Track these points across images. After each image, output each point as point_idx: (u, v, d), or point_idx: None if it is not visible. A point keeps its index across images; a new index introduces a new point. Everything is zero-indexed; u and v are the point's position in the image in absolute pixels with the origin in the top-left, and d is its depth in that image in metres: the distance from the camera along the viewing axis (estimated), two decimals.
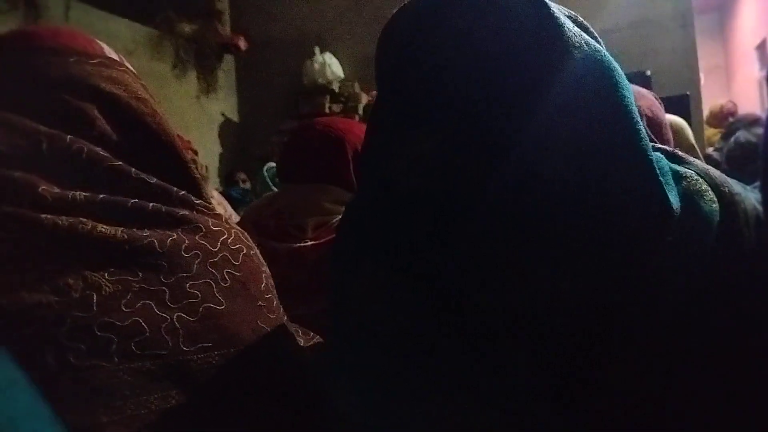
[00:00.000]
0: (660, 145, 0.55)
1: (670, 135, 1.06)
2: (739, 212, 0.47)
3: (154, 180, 0.53)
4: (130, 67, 0.62)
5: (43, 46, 0.54)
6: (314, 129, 0.99)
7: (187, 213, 0.53)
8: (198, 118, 4.52)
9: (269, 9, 4.87)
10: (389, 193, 0.48)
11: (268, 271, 0.63)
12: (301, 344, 0.69)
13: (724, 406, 0.44)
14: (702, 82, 4.49)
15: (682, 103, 3.20)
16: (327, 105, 4.54)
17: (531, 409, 0.43)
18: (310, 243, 0.91)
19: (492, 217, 0.43)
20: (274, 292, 0.62)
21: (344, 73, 4.59)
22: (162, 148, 0.57)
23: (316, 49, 4.55)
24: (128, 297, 0.45)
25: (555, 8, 0.45)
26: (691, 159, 0.53)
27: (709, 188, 0.48)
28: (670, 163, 0.50)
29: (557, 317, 0.43)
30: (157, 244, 0.49)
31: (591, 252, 0.43)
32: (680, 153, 0.54)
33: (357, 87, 4.54)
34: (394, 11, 0.51)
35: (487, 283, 0.44)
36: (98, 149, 0.51)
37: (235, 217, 2.54)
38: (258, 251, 0.63)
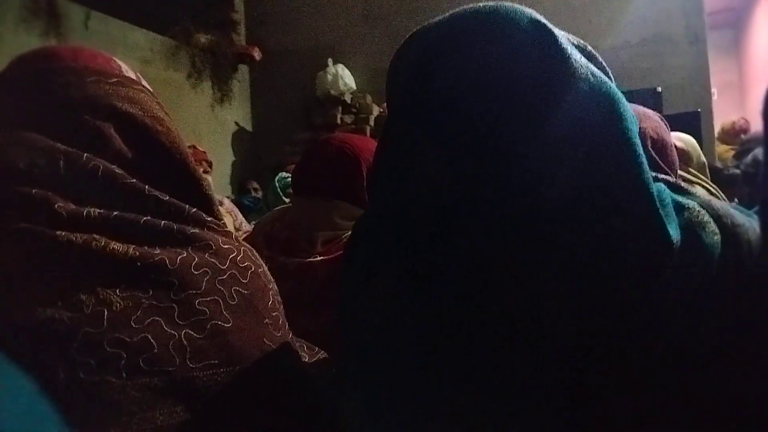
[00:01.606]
0: (663, 176, 0.56)
1: (675, 156, 1.05)
2: (742, 243, 0.48)
3: (166, 197, 0.54)
4: (146, 85, 0.63)
5: (63, 65, 0.56)
6: (330, 144, 1.00)
7: (197, 231, 0.54)
8: (212, 126, 4.57)
9: (284, 21, 4.93)
10: (399, 208, 0.49)
11: (275, 287, 0.64)
12: (306, 360, 0.70)
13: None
14: (715, 98, 4.47)
15: (693, 120, 3.19)
16: (339, 116, 4.57)
17: (535, 419, 0.43)
18: (319, 258, 0.92)
19: (498, 238, 0.44)
20: (281, 308, 0.62)
21: (356, 85, 4.62)
22: (175, 166, 0.57)
23: (329, 61, 4.59)
24: (138, 313, 0.46)
25: (563, 38, 0.46)
26: (694, 190, 0.53)
27: (711, 220, 0.48)
28: (672, 194, 0.50)
29: (559, 341, 0.43)
30: (167, 261, 0.50)
31: (593, 280, 0.43)
32: (683, 184, 0.54)
33: (369, 98, 4.56)
34: (408, 35, 0.51)
35: (493, 299, 0.44)
36: (113, 167, 0.52)
37: (246, 225, 2.56)
38: (266, 268, 0.64)
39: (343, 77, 4.50)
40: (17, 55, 0.58)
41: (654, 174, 0.54)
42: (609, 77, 0.49)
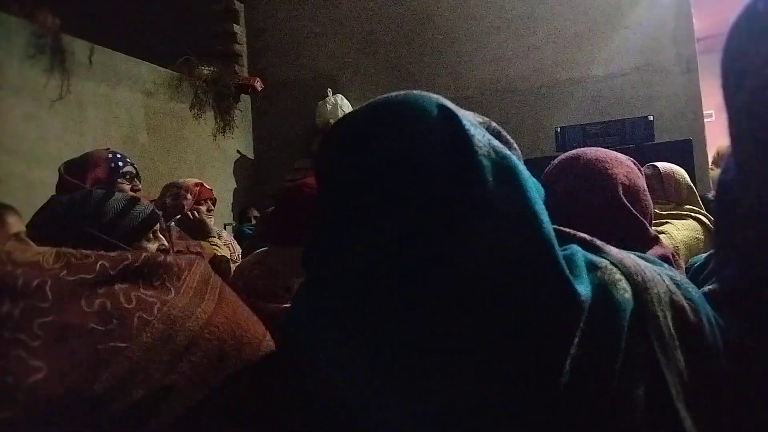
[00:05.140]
0: (581, 234, 0.60)
1: (648, 200, 1.06)
2: (651, 297, 0.52)
3: None
4: None
5: None
6: (299, 191, 1.02)
7: None
8: (215, 155, 4.64)
9: (285, 52, 5.04)
10: (332, 281, 0.52)
11: (113, 300, 0.50)
12: None
13: None
14: (713, 119, 4.47)
15: (685, 148, 3.20)
16: None
17: None
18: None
19: (417, 305, 0.47)
20: (139, 313, 0.49)
21: None
22: None
23: (329, 91, 4.68)
24: None
25: (466, 120, 0.50)
26: (608, 249, 0.57)
27: (623, 277, 0.52)
28: (587, 253, 0.55)
29: (479, 404, 0.45)
30: None
31: (510, 339, 0.46)
32: (598, 242, 0.59)
33: None
34: (335, 122, 0.56)
35: (417, 361, 0.47)
36: None
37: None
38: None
39: (342, 106, 4.58)
40: None
41: (572, 233, 0.60)
42: (512, 148, 0.54)
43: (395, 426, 0.47)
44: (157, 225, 1.07)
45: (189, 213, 2.11)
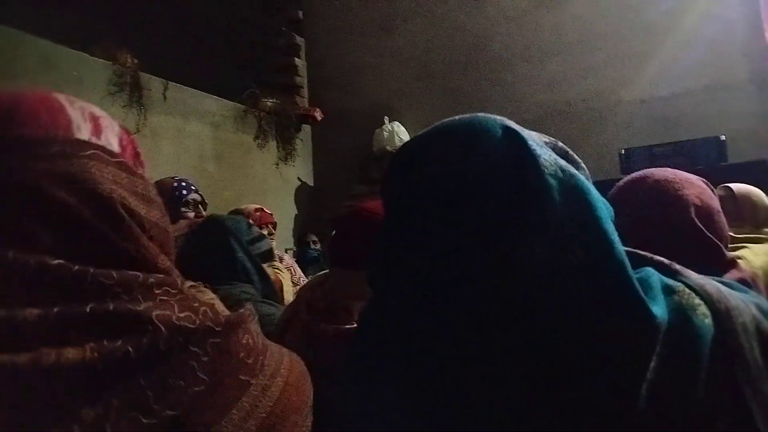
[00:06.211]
0: (659, 258, 0.57)
1: (722, 222, 1.01)
2: (736, 326, 0.49)
3: (112, 279, 0.46)
4: (105, 141, 0.51)
5: None
6: (360, 215, 1.04)
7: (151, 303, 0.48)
8: (277, 183, 4.81)
9: (343, 83, 5.19)
10: (396, 296, 0.52)
11: (254, 340, 0.55)
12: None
13: None
14: None
15: (762, 169, 2.99)
16: None
17: None
18: (356, 325, 0.95)
19: (488, 329, 0.46)
20: (262, 358, 0.55)
21: None
22: (120, 254, 0.49)
23: (385, 119, 4.78)
24: (113, 417, 0.42)
25: (532, 141, 0.50)
26: (688, 273, 0.55)
27: (703, 302, 0.50)
28: (663, 276, 0.53)
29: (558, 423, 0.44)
30: (132, 351, 0.44)
31: (585, 364, 0.45)
32: (677, 267, 0.56)
33: None
34: (398, 147, 0.56)
35: (488, 386, 0.46)
36: (47, 258, 0.44)
37: (304, 280, 2.64)
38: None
39: (399, 134, 4.65)
40: None
41: (650, 256, 0.57)
42: (580, 168, 0.53)
43: None
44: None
45: None
